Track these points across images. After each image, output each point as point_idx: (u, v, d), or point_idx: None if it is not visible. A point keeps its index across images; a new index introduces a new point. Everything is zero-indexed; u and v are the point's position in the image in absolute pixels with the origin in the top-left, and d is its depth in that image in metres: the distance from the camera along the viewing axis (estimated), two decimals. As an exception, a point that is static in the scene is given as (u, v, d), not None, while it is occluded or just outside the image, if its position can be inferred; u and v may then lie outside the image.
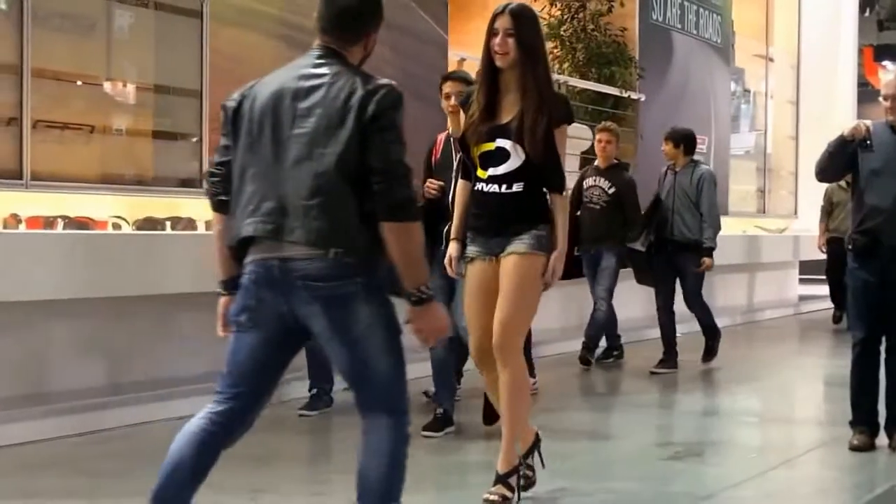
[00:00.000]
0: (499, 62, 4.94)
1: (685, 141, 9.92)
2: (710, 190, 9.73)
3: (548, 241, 5.01)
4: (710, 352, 10.19)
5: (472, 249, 5.12)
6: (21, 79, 7.52)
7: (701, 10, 15.26)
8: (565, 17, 13.32)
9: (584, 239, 9.54)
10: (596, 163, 9.91)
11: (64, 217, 7.70)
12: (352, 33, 3.81)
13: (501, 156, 4.99)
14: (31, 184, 7.52)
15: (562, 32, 13.27)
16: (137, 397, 7.18)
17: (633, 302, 11.40)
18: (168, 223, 8.33)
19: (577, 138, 11.00)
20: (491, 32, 4.97)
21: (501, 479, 5.08)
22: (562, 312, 11.06)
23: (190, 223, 8.37)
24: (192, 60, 8.60)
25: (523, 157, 4.96)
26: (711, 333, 10.21)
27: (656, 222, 9.76)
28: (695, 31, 15.19)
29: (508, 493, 5.05)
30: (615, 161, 9.89)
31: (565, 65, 13.22)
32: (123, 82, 8.56)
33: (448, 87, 6.83)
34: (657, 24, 14.28)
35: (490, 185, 5.02)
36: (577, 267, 9.16)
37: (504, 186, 4.99)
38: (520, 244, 4.98)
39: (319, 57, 3.76)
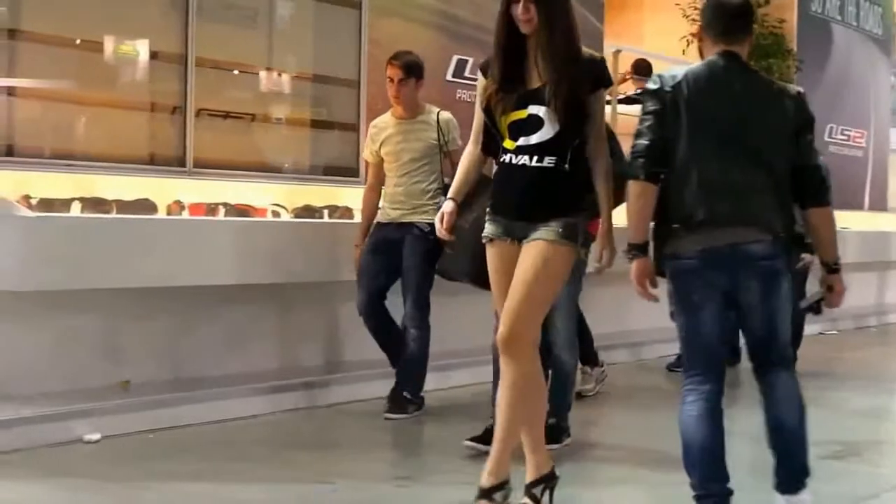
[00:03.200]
0: (524, 29, 4.54)
1: None
2: None
3: (582, 232, 4.57)
4: None
5: (491, 230, 4.64)
6: (185, 69, 7.70)
7: (861, 1, 14.91)
8: (721, 8, 13.10)
9: None
10: None
11: (225, 204, 7.85)
12: (743, 33, 4.46)
13: (535, 124, 4.53)
14: (193, 171, 7.69)
15: (718, 24, 13.05)
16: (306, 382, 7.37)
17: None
18: (326, 211, 8.44)
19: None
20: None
21: (485, 494, 4.57)
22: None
23: (347, 212, 8.46)
24: (351, 51, 8.70)
25: (557, 127, 4.50)
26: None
27: None
28: (855, 23, 14.84)
29: None
30: None
31: (721, 56, 13.00)
32: (283, 72, 8.69)
33: None
34: (816, 15, 14.00)
35: (519, 157, 4.54)
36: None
37: (535, 159, 4.51)
38: (547, 231, 4.49)
39: (731, 62, 4.37)
